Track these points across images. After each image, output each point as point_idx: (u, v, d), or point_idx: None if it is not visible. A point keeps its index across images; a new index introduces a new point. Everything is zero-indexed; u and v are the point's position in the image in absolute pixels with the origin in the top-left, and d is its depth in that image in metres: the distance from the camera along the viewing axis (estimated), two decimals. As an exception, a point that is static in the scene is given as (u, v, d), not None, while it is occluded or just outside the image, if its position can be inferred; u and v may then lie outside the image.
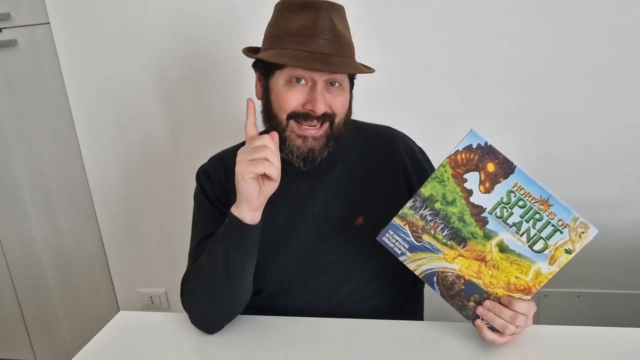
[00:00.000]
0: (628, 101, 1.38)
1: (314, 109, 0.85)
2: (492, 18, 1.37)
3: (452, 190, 0.77)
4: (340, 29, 0.87)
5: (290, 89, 0.87)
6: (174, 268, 1.80)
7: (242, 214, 0.83)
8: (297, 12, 0.86)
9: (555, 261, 0.75)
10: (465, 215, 0.77)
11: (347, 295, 0.96)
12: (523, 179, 0.74)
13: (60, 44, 1.61)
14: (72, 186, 1.82)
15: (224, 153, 1.04)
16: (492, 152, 0.75)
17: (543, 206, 0.74)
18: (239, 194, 0.82)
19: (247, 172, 0.79)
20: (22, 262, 1.97)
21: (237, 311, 0.92)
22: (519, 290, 0.78)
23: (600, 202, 1.47)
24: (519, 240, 0.76)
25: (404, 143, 1.03)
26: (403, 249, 0.82)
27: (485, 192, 0.76)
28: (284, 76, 0.87)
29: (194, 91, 1.59)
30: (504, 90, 1.42)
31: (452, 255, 0.79)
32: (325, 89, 0.87)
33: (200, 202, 1.00)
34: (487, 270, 0.78)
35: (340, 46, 0.86)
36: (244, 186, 0.81)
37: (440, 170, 0.77)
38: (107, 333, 0.95)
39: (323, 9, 0.85)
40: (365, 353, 0.83)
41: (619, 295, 1.54)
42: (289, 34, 0.86)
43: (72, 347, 1.96)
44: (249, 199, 0.82)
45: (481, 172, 0.75)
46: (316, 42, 0.84)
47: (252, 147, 0.80)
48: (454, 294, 0.81)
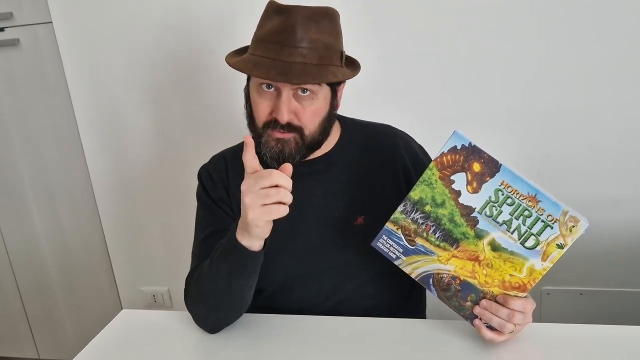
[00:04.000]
0: (631, 99, 1.37)
1: (278, 117, 0.84)
2: (493, 16, 1.36)
3: (441, 192, 0.77)
4: (315, 35, 0.83)
5: (260, 96, 0.87)
6: (177, 266, 1.81)
7: (250, 244, 0.81)
8: (272, 17, 0.85)
9: (548, 257, 0.75)
10: (456, 216, 0.77)
11: (349, 294, 0.96)
12: (509, 177, 0.74)
13: (62, 43, 1.61)
14: (74, 185, 1.82)
15: (225, 153, 1.04)
16: (477, 152, 0.74)
17: (531, 202, 0.73)
18: (248, 229, 0.78)
19: (261, 221, 0.76)
20: (26, 261, 1.98)
21: (237, 317, 0.92)
22: (514, 288, 0.77)
23: (603, 200, 1.46)
24: (510, 238, 0.76)
25: (405, 142, 1.02)
26: (398, 253, 0.82)
27: (473, 192, 0.76)
28: (255, 82, 0.87)
29: (198, 90, 1.59)
30: (505, 89, 1.41)
31: (446, 257, 0.79)
32: (295, 97, 0.85)
33: (203, 202, 1.00)
34: (482, 269, 0.78)
35: (311, 53, 0.83)
36: (257, 231, 0.77)
37: (427, 173, 0.77)
38: (110, 331, 0.95)
39: (294, 14, 0.83)
40: (366, 351, 0.83)
41: (622, 294, 1.54)
42: (259, 39, 0.86)
43: (75, 345, 1.96)
44: (260, 236, 0.80)
45: (467, 173, 0.75)
46: (282, 49, 0.82)
47: (261, 187, 0.75)
48: (451, 295, 0.81)
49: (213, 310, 0.89)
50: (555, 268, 1.67)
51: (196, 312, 0.92)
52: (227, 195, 0.97)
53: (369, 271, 0.96)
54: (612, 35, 1.33)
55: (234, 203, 0.97)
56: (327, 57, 0.86)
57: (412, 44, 1.42)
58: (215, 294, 0.86)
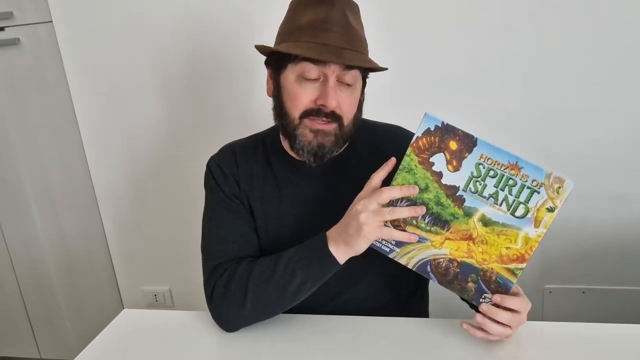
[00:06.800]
0: (634, 95, 1.37)
1: (326, 103, 0.83)
2: (499, 15, 1.36)
3: (423, 176, 0.76)
4: (354, 25, 0.86)
5: (301, 86, 0.85)
6: (178, 266, 1.81)
7: (341, 255, 0.82)
8: (310, 8, 0.85)
9: (540, 222, 0.73)
10: (442, 198, 0.76)
11: (353, 294, 0.96)
12: (487, 149, 0.73)
13: (63, 43, 1.61)
14: (75, 184, 1.82)
15: (234, 146, 1.02)
16: (451, 130, 0.74)
17: (514, 171, 0.73)
18: (349, 241, 0.80)
19: (375, 237, 0.79)
20: (27, 261, 1.98)
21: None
22: (512, 261, 0.76)
23: (605, 197, 1.46)
24: (499, 211, 0.75)
25: None
26: (391, 246, 0.81)
27: (454, 170, 0.75)
28: (296, 71, 0.85)
29: (198, 89, 1.59)
30: (509, 86, 1.41)
31: (439, 241, 0.78)
32: (337, 86, 0.85)
33: (216, 195, 0.98)
34: (477, 247, 0.77)
35: (353, 40, 0.85)
36: (364, 244, 0.79)
37: (406, 160, 0.76)
38: (111, 331, 0.95)
39: (336, 3, 0.84)
40: (370, 350, 0.83)
41: (625, 292, 1.53)
42: (301, 28, 0.84)
43: (77, 345, 1.97)
44: (358, 251, 0.81)
45: (445, 152, 0.75)
46: (329, 35, 0.83)
47: (377, 204, 0.77)
48: (451, 279, 0.80)
49: (262, 314, 0.87)
50: (558, 266, 1.67)
51: (229, 311, 0.88)
52: (238, 188, 0.97)
53: (374, 271, 0.95)
54: (612, 34, 1.33)
55: (244, 196, 0.96)
56: (365, 47, 0.88)
57: (419, 43, 1.42)
58: (277, 299, 0.85)
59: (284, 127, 0.89)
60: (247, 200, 0.96)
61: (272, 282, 0.84)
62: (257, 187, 0.97)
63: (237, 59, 1.51)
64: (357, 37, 0.86)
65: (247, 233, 0.95)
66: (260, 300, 0.85)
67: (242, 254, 0.92)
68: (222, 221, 0.95)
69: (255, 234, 0.96)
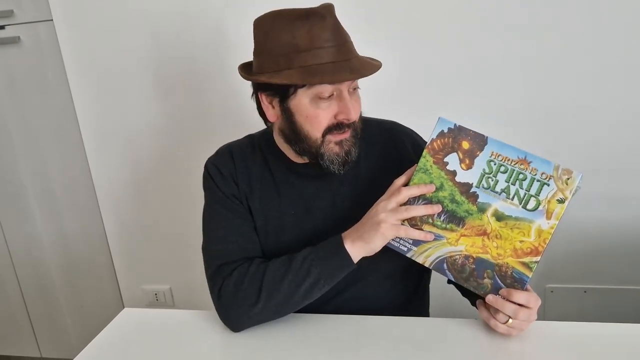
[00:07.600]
0: (634, 95, 1.36)
1: (349, 117, 0.84)
2: (499, 13, 1.36)
3: (438, 175, 0.80)
4: (342, 27, 0.85)
5: (319, 107, 0.84)
6: (179, 265, 1.81)
7: (356, 253, 0.83)
8: (298, 24, 0.81)
9: (552, 214, 0.76)
10: (456, 195, 0.79)
11: (355, 294, 0.96)
12: (497, 146, 0.77)
13: (63, 41, 1.61)
14: (76, 184, 1.82)
15: (231, 147, 1.03)
16: (463, 131, 0.78)
17: (523, 165, 0.76)
18: (366, 237, 0.82)
19: (391, 235, 0.81)
20: (28, 260, 1.98)
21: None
22: (526, 254, 0.78)
23: (607, 197, 1.46)
24: (511, 205, 0.77)
25: (411, 139, 1.01)
26: (408, 245, 0.83)
27: (467, 168, 0.79)
28: (310, 94, 0.84)
29: (199, 89, 1.58)
30: (509, 86, 1.41)
31: (455, 237, 0.81)
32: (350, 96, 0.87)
33: (215, 196, 0.98)
34: (491, 242, 0.79)
35: (350, 45, 0.85)
36: (380, 241, 0.81)
37: (422, 161, 0.81)
38: (112, 330, 0.95)
39: (326, 15, 0.82)
40: (370, 349, 0.82)
41: (626, 291, 1.53)
42: (299, 49, 0.81)
43: (78, 344, 1.96)
44: (374, 249, 0.82)
45: (458, 152, 0.79)
46: (333, 51, 0.82)
47: (397, 206, 0.80)
48: (467, 275, 0.81)
49: (272, 314, 0.87)
50: (559, 265, 1.67)
51: (238, 310, 0.87)
52: (238, 189, 0.97)
53: (375, 271, 0.95)
54: (612, 34, 1.32)
55: (243, 197, 0.96)
56: (355, 49, 0.88)
57: (418, 40, 1.42)
58: (290, 297, 0.85)
59: (303, 149, 0.89)
60: (246, 200, 0.96)
61: (286, 279, 0.84)
62: (255, 188, 0.97)
63: (237, 59, 1.51)
64: (350, 39, 0.86)
65: (247, 232, 0.95)
66: (273, 299, 0.85)
67: (244, 254, 0.92)
68: (221, 221, 0.95)
69: (255, 233, 0.96)
